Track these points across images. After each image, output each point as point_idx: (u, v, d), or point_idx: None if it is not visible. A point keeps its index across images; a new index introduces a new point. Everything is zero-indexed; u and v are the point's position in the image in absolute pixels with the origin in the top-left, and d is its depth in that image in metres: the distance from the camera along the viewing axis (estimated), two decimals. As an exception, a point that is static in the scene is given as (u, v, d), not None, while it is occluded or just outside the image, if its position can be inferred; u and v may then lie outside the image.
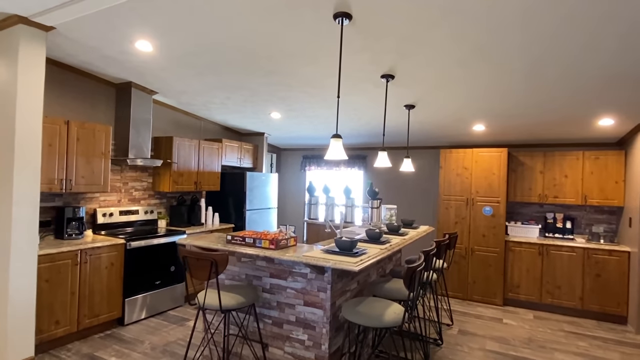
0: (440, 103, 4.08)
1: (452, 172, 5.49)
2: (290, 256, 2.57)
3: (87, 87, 4.20)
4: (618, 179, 4.84)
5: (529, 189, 5.31)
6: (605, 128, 4.52)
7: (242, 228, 5.53)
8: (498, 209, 5.20)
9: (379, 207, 4.51)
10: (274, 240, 2.71)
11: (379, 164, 4.35)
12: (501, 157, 5.20)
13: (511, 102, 3.84)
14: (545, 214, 5.48)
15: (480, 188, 5.31)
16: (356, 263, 2.36)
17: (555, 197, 5.16)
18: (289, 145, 7.35)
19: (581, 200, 5.02)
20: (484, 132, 5.16)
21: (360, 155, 6.87)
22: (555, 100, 3.67)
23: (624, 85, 3.16)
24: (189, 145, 5.07)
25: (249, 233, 2.97)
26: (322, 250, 2.71)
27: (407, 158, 4.33)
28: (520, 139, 5.37)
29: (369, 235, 3.24)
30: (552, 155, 5.19)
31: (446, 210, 5.50)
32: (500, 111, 4.19)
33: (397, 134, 5.68)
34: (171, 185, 4.82)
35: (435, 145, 6.23)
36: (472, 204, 5.36)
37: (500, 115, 4.35)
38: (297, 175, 7.57)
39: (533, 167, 5.30)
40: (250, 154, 6.28)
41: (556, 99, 3.63)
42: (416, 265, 2.32)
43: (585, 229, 5.30)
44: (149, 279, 4.22)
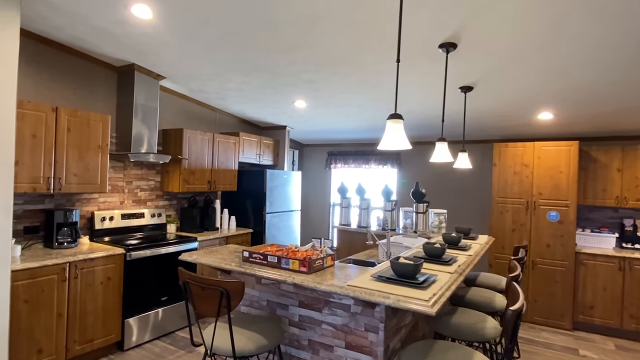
0: (507, 83, 3.27)
1: (508, 170, 4.65)
2: (330, 285, 1.84)
3: (83, 70, 3.59)
4: None
5: (603, 190, 4.42)
6: None
7: (261, 234, 4.85)
8: (567, 214, 4.34)
9: (426, 211, 3.74)
10: (307, 261, 1.99)
11: (438, 158, 3.58)
12: (571, 152, 4.33)
13: (606, 78, 3.00)
14: (621, 220, 4.57)
15: (544, 189, 4.45)
16: (429, 300, 1.62)
17: (638, 200, 4.26)
18: (313, 140, 6.64)
19: (673, 205, 4.11)
20: (548, 122, 4.31)
21: (394, 152, 6.09)
22: (666, 75, 2.82)
23: None
24: (201, 139, 4.42)
25: (272, 248, 2.27)
26: (374, 277, 1.97)
27: (463, 152, 3.54)
28: (592, 130, 4.49)
29: (428, 251, 2.48)
30: (634, 150, 4.29)
31: (501, 215, 4.67)
32: (585, 92, 3.35)
33: (436, 125, 4.88)
34: (181, 185, 4.18)
35: (483, 139, 5.39)
36: (533, 207, 4.51)
37: (580, 100, 3.51)
38: (321, 173, 6.86)
39: (608, 165, 4.40)
40: (271, 149, 5.59)
41: (669, 73, 2.78)
42: (520, 307, 1.55)
43: (673, 239, 4.37)
44: (153, 295, 3.59)
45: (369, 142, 6.32)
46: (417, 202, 3.76)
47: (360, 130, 5.54)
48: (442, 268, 2.26)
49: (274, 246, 2.30)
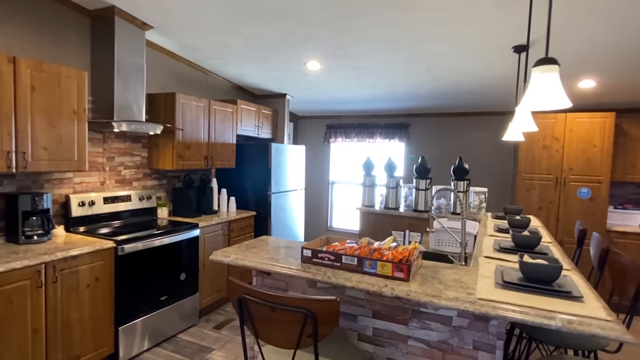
0: (571, 41, 2.81)
1: (536, 144, 4.31)
2: (454, 300, 1.34)
3: (47, 12, 2.75)
4: None
5: (633, 165, 4.19)
6: None
7: (265, 216, 4.26)
8: (599, 191, 4.08)
9: (467, 190, 3.31)
10: (404, 263, 1.47)
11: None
12: (607, 125, 4.03)
13: (688, 38, 2.61)
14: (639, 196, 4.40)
15: (576, 164, 4.16)
16: (611, 319, 1.16)
17: (669, 176, 4.07)
18: (310, 111, 6.00)
19: None
20: (585, 91, 3.95)
21: (402, 124, 5.60)
22: None
23: None
24: (196, 106, 3.69)
25: (342, 245, 1.72)
26: (499, 283, 1.48)
27: (514, 123, 3.09)
28: (626, 101, 4.20)
29: (520, 241, 2.03)
30: (668, 122, 4.05)
31: (527, 192, 4.35)
32: (629, 56, 2.97)
33: (460, 94, 4.42)
34: (175, 162, 3.48)
35: (504, 111, 5.00)
36: (563, 184, 4.22)
37: (623, 65, 3.14)
38: (319, 148, 6.27)
39: (638, 138, 4.16)
40: (269, 120, 4.92)
41: None
42: None
43: (697, 215, 4.25)
44: (151, 295, 2.96)
45: (374, 114, 5.78)
46: (455, 179, 3.32)
47: (365, 100, 4.99)
48: (547, 263, 1.82)
49: (343, 242, 1.75)
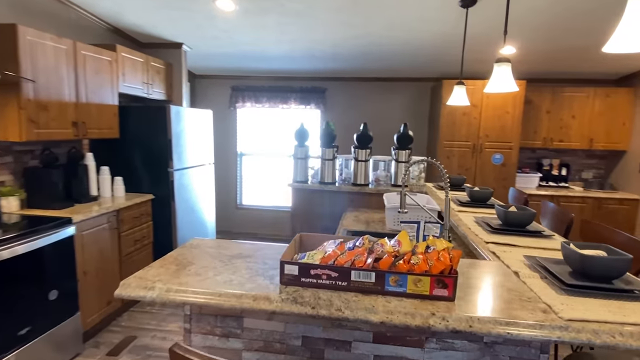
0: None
1: (457, 111, 4.29)
2: (538, 327, 0.91)
3: None
4: (625, 121, 4.37)
5: (534, 132, 4.52)
6: (627, 61, 3.83)
7: (167, 199, 3.37)
8: (510, 157, 4.29)
9: (409, 161, 3.02)
10: (450, 274, 0.99)
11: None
12: (518, 93, 4.19)
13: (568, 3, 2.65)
14: (539, 160, 4.84)
15: (491, 131, 4.27)
16: None
17: (560, 141, 4.49)
18: (212, 69, 5.04)
19: (587, 144, 4.46)
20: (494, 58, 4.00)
21: (318, 88, 5.10)
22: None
23: None
24: (55, 49, 2.54)
25: (333, 254, 1.16)
26: (563, 288, 1.12)
27: (461, 86, 2.87)
28: (533, 70, 4.42)
29: (512, 219, 1.75)
30: (562, 92, 4.42)
31: (447, 159, 4.35)
32: (547, 18, 3.00)
33: (386, 55, 4.10)
34: (25, 129, 2.36)
35: (425, 77, 4.89)
36: (479, 150, 4.32)
37: (539, 34, 3.18)
38: (223, 114, 5.38)
39: (540, 106, 4.47)
40: (162, 77, 3.88)
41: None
42: None
43: (575, 176, 4.87)
44: (4, 331, 1.96)
45: (288, 75, 5.13)
46: (397, 149, 3.00)
47: (281, 58, 4.32)
48: (544, 244, 1.57)
49: (342, 247, 1.18)
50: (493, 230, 1.70)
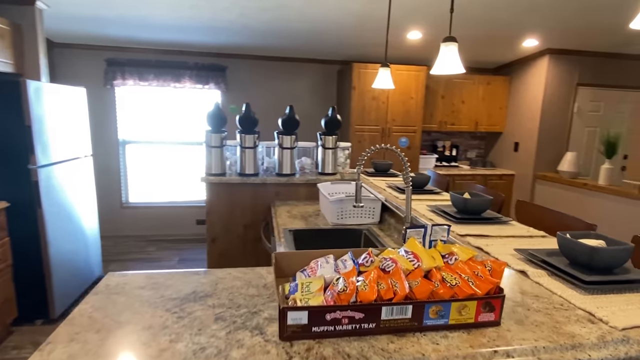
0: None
1: (367, 95, 4.26)
2: (601, 343, 0.79)
3: None
4: (502, 105, 4.97)
5: (431, 115, 4.82)
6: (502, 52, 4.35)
7: (30, 206, 2.52)
8: (414, 140, 4.48)
9: (336, 146, 2.83)
10: (496, 294, 0.81)
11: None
12: (420, 78, 4.36)
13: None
14: (434, 143, 5.22)
15: (398, 115, 4.38)
16: None
17: (453, 125, 4.89)
18: (76, 36, 4.00)
19: (473, 127, 4.95)
20: (409, 43, 4.09)
21: (217, 66, 4.52)
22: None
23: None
24: None
25: (336, 289, 0.86)
26: (581, 286, 1.04)
27: (386, 68, 2.77)
28: (433, 57, 4.65)
29: (472, 206, 1.68)
30: (454, 79, 4.78)
31: (359, 144, 4.33)
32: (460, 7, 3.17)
33: (298, 32, 3.82)
34: None
35: (333, 60, 4.73)
36: (388, 134, 4.40)
37: (443, 21, 3.35)
38: (97, 94, 4.38)
39: (436, 92, 4.77)
40: (8, 42, 2.87)
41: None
42: None
43: (462, 156, 5.40)
44: None
45: (181, 49, 4.41)
46: (325, 134, 2.79)
47: (174, 28, 3.66)
48: (511, 232, 1.55)
49: (352, 271, 0.88)
50: (458, 220, 1.62)
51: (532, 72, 4.51)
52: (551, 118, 4.45)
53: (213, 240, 2.64)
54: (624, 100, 4.60)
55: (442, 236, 1.04)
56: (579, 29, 3.59)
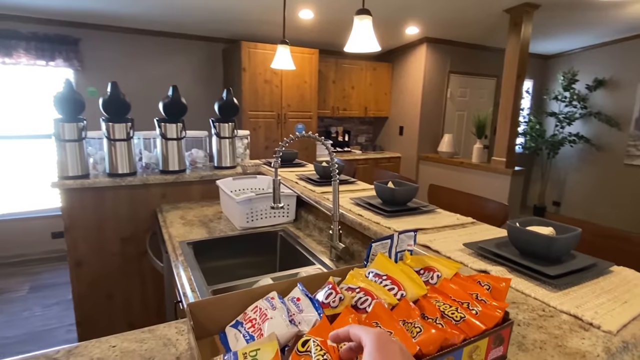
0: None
1: (259, 78, 3.90)
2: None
3: None
4: (387, 91, 5.17)
5: (324, 101, 4.72)
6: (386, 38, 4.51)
7: None
8: (310, 126, 4.32)
9: (234, 135, 2.46)
10: (505, 323, 0.63)
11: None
12: (313, 61, 4.19)
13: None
14: (327, 128, 5.17)
15: (293, 100, 4.15)
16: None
17: (345, 110, 4.90)
18: None
19: (363, 112, 5.05)
20: (300, 23, 3.86)
21: (66, 37, 3.58)
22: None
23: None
24: None
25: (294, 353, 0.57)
26: (549, 282, 0.94)
27: (284, 46, 2.48)
28: (323, 41, 4.49)
29: (399, 196, 1.54)
30: (343, 64, 4.76)
31: (254, 131, 3.96)
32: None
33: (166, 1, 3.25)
34: None
35: (217, 37, 4.18)
36: (284, 121, 4.14)
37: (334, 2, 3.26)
38: None
39: (327, 76, 4.68)
40: None
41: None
42: None
43: (353, 140, 5.50)
44: None
45: (11, 12, 3.33)
46: (219, 121, 2.40)
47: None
48: (444, 222, 1.47)
49: (324, 325, 0.58)
50: (388, 214, 1.47)
51: (413, 60, 4.76)
52: (430, 103, 4.79)
53: (78, 263, 2.02)
54: (483, 87, 5.23)
55: (409, 245, 0.84)
56: (449, 20, 3.86)
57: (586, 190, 5.21)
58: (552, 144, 5.28)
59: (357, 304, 0.65)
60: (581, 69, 5.16)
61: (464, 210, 1.86)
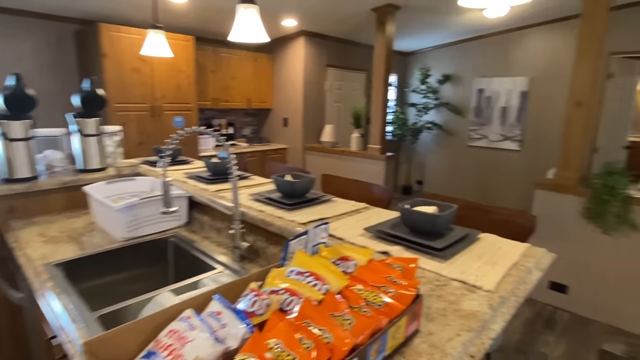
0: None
1: (125, 66, 3.44)
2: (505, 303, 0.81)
3: None
4: (269, 82, 5.15)
5: (203, 92, 4.45)
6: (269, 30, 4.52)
7: None
8: (190, 119, 4.03)
9: (100, 132, 2.13)
10: (417, 298, 0.69)
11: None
12: (188, 49, 3.89)
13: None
14: (209, 121, 4.90)
15: (168, 91, 3.79)
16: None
17: (226, 101, 4.72)
18: None
19: (246, 104, 4.94)
20: (171, 7, 3.52)
21: None
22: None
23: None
24: None
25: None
26: (433, 255, 1.05)
27: (158, 30, 2.24)
28: (200, 28, 4.18)
29: (299, 188, 1.55)
30: (221, 53, 4.55)
31: (125, 126, 3.50)
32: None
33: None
34: None
35: (67, 16, 3.49)
36: (159, 114, 3.75)
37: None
38: None
39: (205, 66, 4.42)
40: None
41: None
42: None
43: (237, 133, 5.35)
44: None
45: None
46: (86, 116, 2.07)
47: None
48: (335, 209, 1.55)
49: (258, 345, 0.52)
50: (290, 207, 1.46)
51: (292, 52, 4.84)
52: (312, 95, 4.95)
53: None
54: (356, 80, 5.64)
55: (322, 237, 0.85)
56: (323, 16, 4.03)
57: (441, 169, 6.13)
58: (413, 131, 6.03)
59: (282, 306, 0.64)
60: (433, 65, 5.99)
61: (354, 196, 1.99)
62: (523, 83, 4.94)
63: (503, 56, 5.13)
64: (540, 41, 4.76)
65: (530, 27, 4.79)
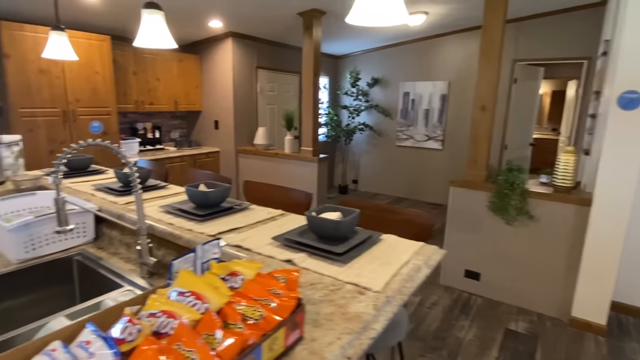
0: None
1: (30, 67, 3.14)
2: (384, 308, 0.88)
3: None
4: (197, 84, 5.00)
5: (124, 94, 4.20)
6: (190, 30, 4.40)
7: None
8: (110, 124, 3.78)
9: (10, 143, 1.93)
10: (299, 306, 0.74)
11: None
12: (104, 49, 3.64)
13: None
14: (132, 125, 4.63)
15: (82, 94, 3.52)
16: (424, 244, 1.29)
17: (151, 104, 4.49)
18: None
19: (173, 106, 4.74)
20: (82, 4, 3.27)
21: None
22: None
23: None
24: None
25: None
26: (331, 258, 1.10)
27: (60, 32, 2.07)
28: (117, 27, 3.91)
29: (213, 198, 1.53)
30: (143, 53, 4.32)
31: (31, 133, 3.19)
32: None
33: None
34: None
35: None
36: (73, 119, 3.47)
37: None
38: None
39: (126, 67, 4.17)
40: None
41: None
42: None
43: (165, 137, 5.12)
44: None
45: None
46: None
47: None
48: (250, 219, 1.56)
49: None
50: (202, 218, 1.45)
51: (220, 53, 4.74)
52: (242, 97, 4.89)
53: None
54: (288, 82, 5.68)
55: (214, 253, 0.86)
56: (250, 18, 4.01)
57: (374, 168, 6.39)
58: (347, 132, 6.21)
59: (159, 329, 0.64)
60: (363, 68, 6.22)
61: (276, 202, 2.01)
62: (443, 87, 5.32)
63: (425, 61, 5.48)
64: (456, 47, 5.16)
65: (448, 35, 5.17)
